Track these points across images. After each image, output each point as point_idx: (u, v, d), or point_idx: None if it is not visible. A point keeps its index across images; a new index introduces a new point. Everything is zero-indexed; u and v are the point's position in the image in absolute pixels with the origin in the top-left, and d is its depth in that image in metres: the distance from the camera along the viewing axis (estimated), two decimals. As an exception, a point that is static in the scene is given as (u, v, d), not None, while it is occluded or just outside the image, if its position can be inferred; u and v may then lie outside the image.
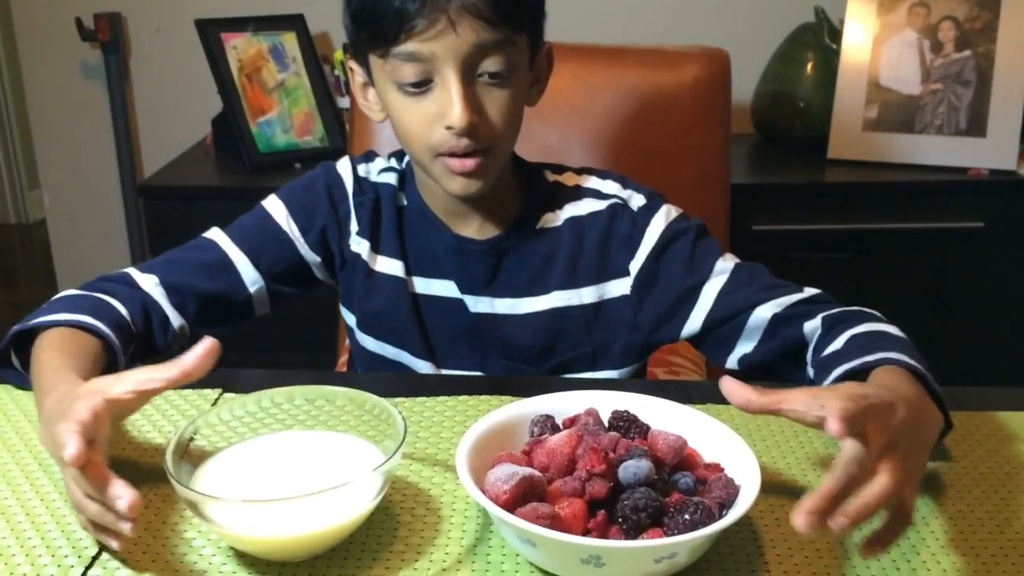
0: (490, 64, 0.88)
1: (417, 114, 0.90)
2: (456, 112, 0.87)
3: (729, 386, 0.66)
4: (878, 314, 0.90)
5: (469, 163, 0.91)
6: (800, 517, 0.58)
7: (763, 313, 0.94)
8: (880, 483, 0.62)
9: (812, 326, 0.91)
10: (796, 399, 0.65)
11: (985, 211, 1.93)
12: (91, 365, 0.84)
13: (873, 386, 0.72)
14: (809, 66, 2.07)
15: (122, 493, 0.62)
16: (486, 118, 0.90)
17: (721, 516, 0.64)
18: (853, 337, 0.85)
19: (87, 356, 0.84)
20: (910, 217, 1.94)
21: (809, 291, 0.95)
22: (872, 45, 2.01)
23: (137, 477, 0.77)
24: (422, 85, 0.89)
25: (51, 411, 0.70)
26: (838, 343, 0.85)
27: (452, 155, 0.91)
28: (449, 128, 0.89)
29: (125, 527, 0.64)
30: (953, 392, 0.91)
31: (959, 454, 0.82)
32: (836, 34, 2.05)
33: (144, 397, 0.72)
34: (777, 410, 0.66)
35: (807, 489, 0.76)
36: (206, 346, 0.69)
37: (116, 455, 0.80)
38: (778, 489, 0.76)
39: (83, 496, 0.66)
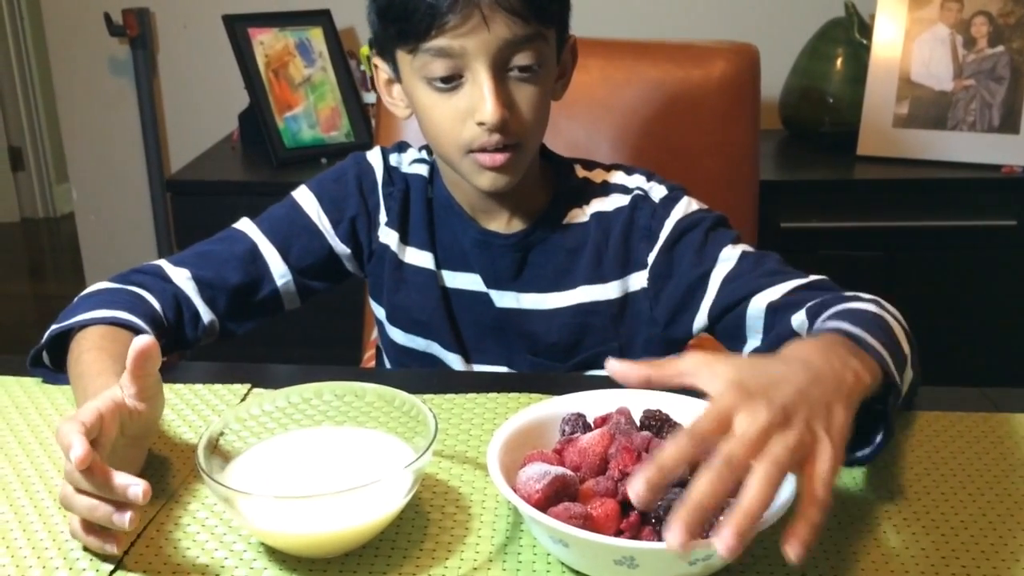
0: (521, 59, 0.88)
1: (447, 110, 0.90)
2: (488, 108, 0.87)
3: (618, 369, 0.61)
4: (868, 296, 0.84)
5: (499, 158, 0.90)
6: (671, 536, 0.53)
7: (760, 303, 0.91)
8: (754, 482, 0.55)
9: (799, 320, 0.87)
10: (690, 370, 0.61)
11: (1018, 209, 1.90)
12: None
13: (769, 360, 0.65)
14: (839, 61, 2.04)
15: (131, 481, 0.62)
16: (517, 113, 0.89)
17: (756, 518, 0.63)
18: (820, 319, 0.80)
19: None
20: (941, 215, 1.91)
21: (812, 277, 0.92)
22: (903, 40, 1.98)
23: (167, 472, 0.77)
24: (452, 80, 0.88)
25: None
26: (804, 327, 0.83)
27: (483, 150, 0.90)
28: (481, 124, 0.88)
29: (124, 518, 0.62)
30: (987, 394, 0.91)
31: (997, 456, 0.81)
32: (866, 29, 2.02)
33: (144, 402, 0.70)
34: (679, 384, 0.62)
35: (842, 489, 0.75)
36: (136, 350, 0.67)
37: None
38: (812, 490, 0.75)
39: (73, 492, 0.64)
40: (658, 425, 0.72)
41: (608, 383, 0.81)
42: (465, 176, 0.94)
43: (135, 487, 0.62)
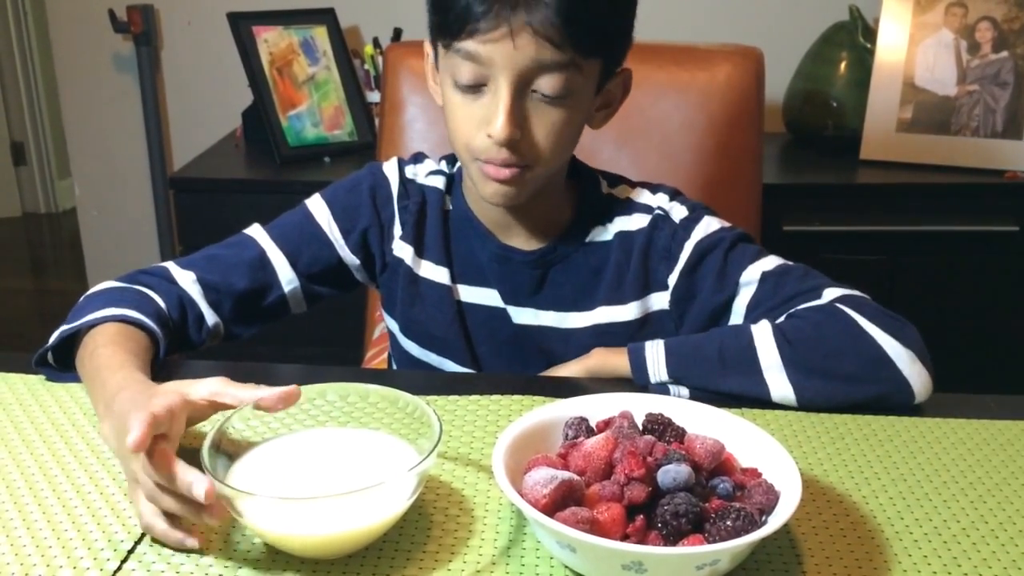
0: (546, 83, 0.86)
1: (466, 114, 0.89)
2: (499, 124, 0.85)
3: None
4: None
5: (505, 172, 0.89)
6: None
7: None
8: None
9: None
10: None
11: (1020, 214, 1.90)
12: (146, 361, 0.86)
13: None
14: (843, 65, 2.04)
15: (196, 479, 0.64)
16: (530, 135, 0.88)
17: (762, 523, 0.63)
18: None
19: (142, 352, 0.86)
20: (944, 220, 1.91)
21: (829, 294, 0.91)
22: (907, 45, 1.98)
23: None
24: (476, 87, 0.87)
25: (126, 407, 0.71)
26: None
27: (490, 162, 0.89)
28: (490, 136, 0.87)
29: (211, 521, 0.65)
30: (988, 400, 0.91)
31: (998, 463, 0.81)
32: (871, 33, 2.02)
33: (214, 408, 0.73)
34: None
35: (845, 496, 0.75)
36: (287, 391, 0.72)
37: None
38: (816, 496, 0.75)
39: (156, 488, 0.66)
40: (660, 429, 0.72)
41: (609, 387, 0.82)
42: (473, 181, 0.93)
43: (199, 485, 0.63)
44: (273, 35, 2.15)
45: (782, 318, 0.90)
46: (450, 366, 1.04)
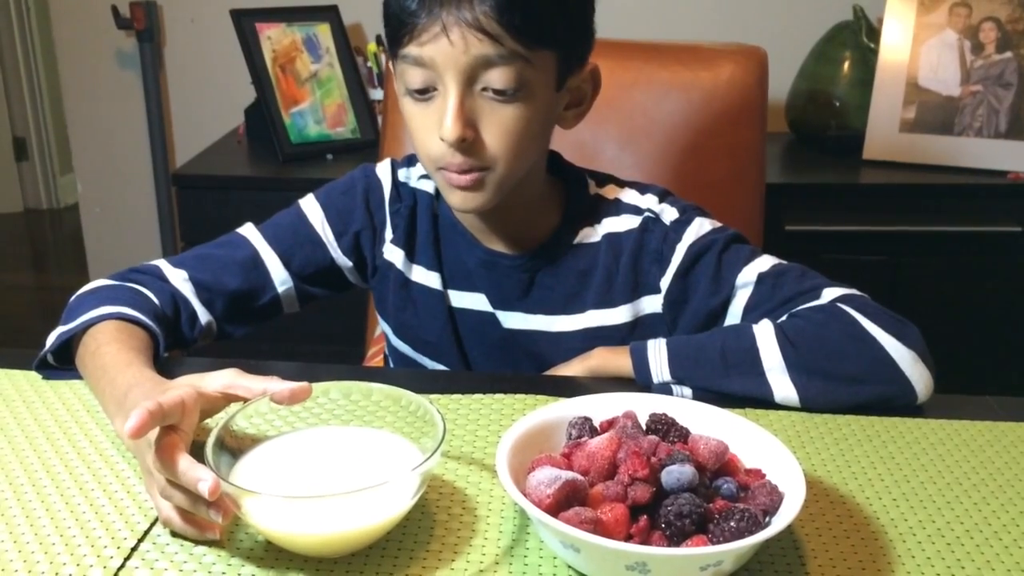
0: (493, 79, 0.83)
1: (421, 122, 0.88)
2: (447, 125, 0.84)
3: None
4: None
5: (465, 178, 0.87)
6: None
7: None
8: None
9: None
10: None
11: (1023, 216, 1.90)
12: (150, 357, 0.86)
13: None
14: (846, 65, 2.04)
15: (203, 475, 0.63)
16: (485, 135, 0.86)
17: (766, 524, 0.63)
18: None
19: (145, 349, 0.86)
20: (947, 220, 1.91)
21: (828, 294, 0.91)
22: (911, 45, 1.98)
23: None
24: (426, 92, 0.86)
25: (139, 402, 0.70)
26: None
27: (449, 167, 0.88)
28: (443, 140, 0.85)
29: (217, 518, 0.65)
30: (992, 401, 0.91)
31: (1001, 465, 0.81)
32: (874, 33, 2.02)
33: (227, 400, 0.74)
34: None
35: (849, 497, 0.75)
36: (300, 386, 0.72)
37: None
38: (819, 497, 0.75)
39: (167, 483, 0.66)
40: (664, 429, 0.72)
41: (613, 387, 0.82)
42: (441, 191, 0.93)
43: (205, 482, 0.63)
44: (276, 32, 2.15)
45: (783, 318, 0.90)
46: (441, 369, 1.04)
